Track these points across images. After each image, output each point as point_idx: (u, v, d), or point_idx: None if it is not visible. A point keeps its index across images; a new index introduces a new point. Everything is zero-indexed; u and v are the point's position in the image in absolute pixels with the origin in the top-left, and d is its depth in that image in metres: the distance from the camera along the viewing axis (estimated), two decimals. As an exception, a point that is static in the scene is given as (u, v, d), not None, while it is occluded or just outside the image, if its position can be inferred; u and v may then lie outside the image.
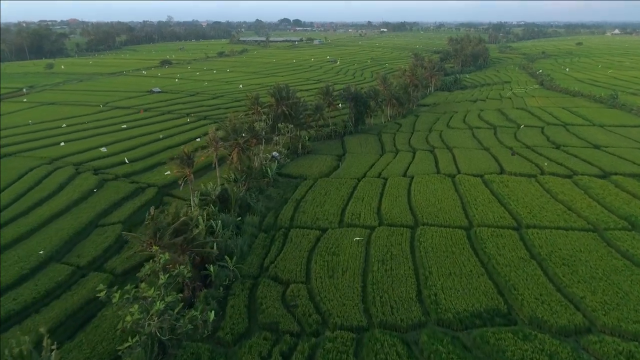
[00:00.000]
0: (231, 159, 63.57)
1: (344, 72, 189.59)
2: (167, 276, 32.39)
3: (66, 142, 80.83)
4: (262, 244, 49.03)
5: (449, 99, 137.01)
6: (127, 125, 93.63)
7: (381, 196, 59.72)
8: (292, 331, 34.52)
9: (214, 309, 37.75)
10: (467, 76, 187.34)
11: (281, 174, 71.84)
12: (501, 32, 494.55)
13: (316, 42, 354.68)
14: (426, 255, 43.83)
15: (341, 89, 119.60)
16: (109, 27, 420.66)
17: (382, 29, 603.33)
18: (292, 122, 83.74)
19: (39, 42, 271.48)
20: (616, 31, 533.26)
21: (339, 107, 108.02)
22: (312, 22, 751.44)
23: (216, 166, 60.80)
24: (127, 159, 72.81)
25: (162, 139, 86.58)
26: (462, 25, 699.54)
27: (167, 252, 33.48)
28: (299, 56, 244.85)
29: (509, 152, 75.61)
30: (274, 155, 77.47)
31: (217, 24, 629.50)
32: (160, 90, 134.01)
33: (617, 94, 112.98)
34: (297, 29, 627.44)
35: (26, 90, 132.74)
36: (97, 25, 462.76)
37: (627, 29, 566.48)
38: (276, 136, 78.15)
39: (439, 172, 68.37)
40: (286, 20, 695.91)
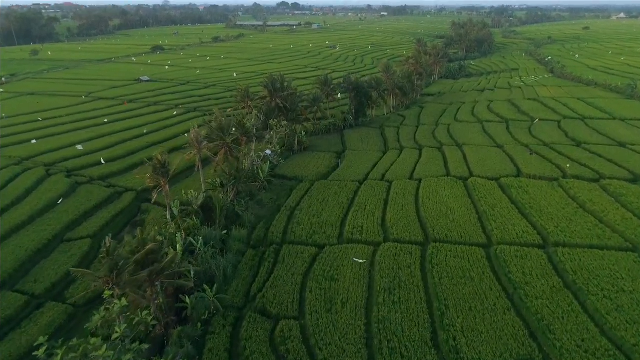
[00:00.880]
0: (217, 161, 56.80)
1: (344, 58, 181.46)
2: (124, 327, 25.92)
3: (39, 138, 73.78)
4: (249, 264, 42.53)
5: (455, 88, 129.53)
6: (108, 119, 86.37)
7: (386, 204, 53.09)
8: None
9: (189, 353, 31.44)
10: (472, 63, 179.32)
11: (275, 175, 65.07)
12: (504, 15, 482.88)
13: (315, 26, 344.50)
14: (440, 282, 37.36)
15: (341, 79, 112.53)
16: (102, 10, 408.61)
17: (382, 13, 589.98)
18: (287, 116, 76.71)
19: (27, 26, 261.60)
20: (622, 15, 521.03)
21: (339, 97, 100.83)
22: (310, 6, 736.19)
23: (200, 170, 53.99)
24: (104, 160, 65.91)
25: (145, 135, 79.60)
26: (464, 9, 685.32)
27: (126, 295, 26.92)
28: (297, 41, 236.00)
29: (526, 150, 68.78)
30: (267, 153, 70.51)
31: (214, 7, 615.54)
32: (148, 79, 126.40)
33: (635, 83, 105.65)
34: (296, 12, 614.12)
35: (5, 79, 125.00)
36: (90, 9, 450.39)
37: (632, 12, 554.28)
38: (268, 134, 71.09)
39: (449, 174, 61.62)
40: (285, 3, 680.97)
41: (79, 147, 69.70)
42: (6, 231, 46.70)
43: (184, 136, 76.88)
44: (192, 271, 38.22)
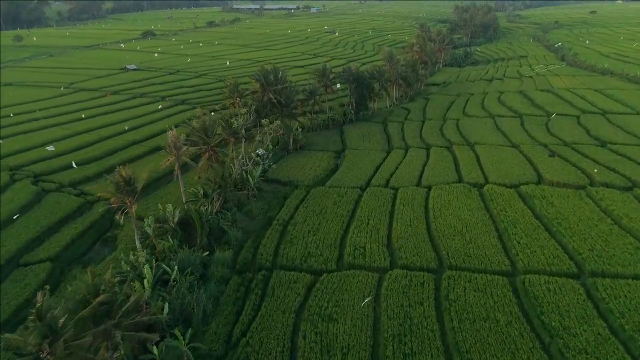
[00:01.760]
0: (200, 168, 50.22)
1: (343, 44, 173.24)
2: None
3: (7, 137, 66.93)
4: (233, 297, 36.20)
5: (461, 77, 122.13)
6: (88, 113, 79.26)
7: (391, 217, 46.65)
8: None
9: None
10: (477, 49, 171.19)
11: (267, 179, 58.48)
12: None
13: (313, 10, 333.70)
14: (460, 327, 31.09)
15: (340, 67, 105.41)
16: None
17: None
18: (281, 112, 69.84)
19: (15, 10, 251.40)
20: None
21: (337, 87, 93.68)
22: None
23: (179, 178, 47.35)
24: (76, 163, 59.16)
25: (127, 131, 72.73)
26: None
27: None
28: (295, 26, 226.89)
29: (545, 151, 62.14)
30: (259, 153, 63.73)
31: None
32: (135, 67, 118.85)
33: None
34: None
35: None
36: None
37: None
38: (259, 134, 64.19)
39: (461, 179, 55.09)
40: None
41: (50, 148, 62.92)
42: (-47, 254, 40.33)
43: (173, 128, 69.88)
44: (165, 307, 32.03)
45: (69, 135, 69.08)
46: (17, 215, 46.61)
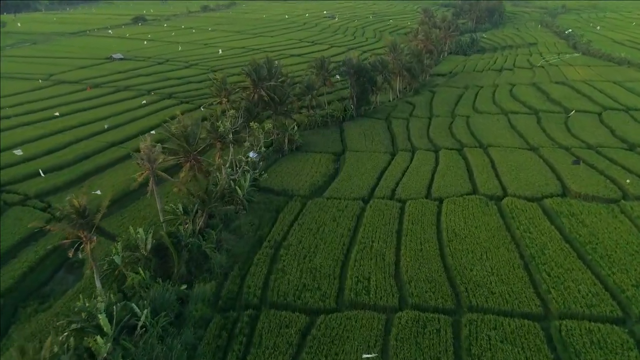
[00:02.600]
0: (181, 180, 44.06)
1: (343, 30, 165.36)
2: None
3: (-29, 140, 60.54)
4: (213, 346, 30.34)
5: (468, 67, 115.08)
6: (62, 111, 72.50)
7: (399, 239, 40.75)
8: None
9: None
10: (483, 35, 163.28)
11: (259, 187, 52.32)
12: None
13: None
14: (488, 396, 25.36)
15: (339, 55, 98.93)
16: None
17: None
18: (275, 110, 63.40)
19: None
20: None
21: (337, 77, 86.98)
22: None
23: (154, 195, 41.12)
24: (45, 169, 52.99)
25: (106, 131, 66.37)
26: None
27: None
28: (293, 10, 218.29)
29: (568, 155, 56.02)
30: (251, 156, 57.52)
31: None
32: (122, 56, 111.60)
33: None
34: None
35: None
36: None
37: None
38: (249, 137, 57.77)
39: (476, 190, 49.05)
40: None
41: (18, 152, 56.59)
42: None
43: (151, 134, 63.44)
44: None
45: (40, 136, 62.65)
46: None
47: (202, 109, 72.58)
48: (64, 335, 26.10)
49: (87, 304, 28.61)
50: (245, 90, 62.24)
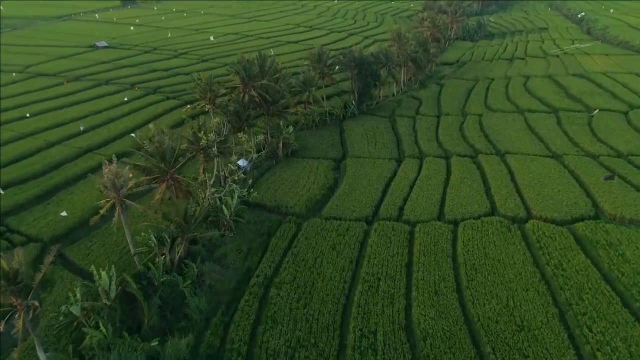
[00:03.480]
0: (154, 203, 38.01)
1: (342, 13, 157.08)
2: None
3: None
4: None
5: (477, 55, 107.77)
6: (34, 110, 65.87)
7: (409, 276, 34.96)
8: None
9: None
10: (491, 19, 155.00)
11: (249, 203, 46.17)
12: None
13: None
14: None
15: (339, 45, 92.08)
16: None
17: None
18: (267, 111, 56.90)
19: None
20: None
21: (336, 68, 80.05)
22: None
23: (123, 224, 34.96)
24: (9, 182, 46.93)
25: (81, 134, 60.04)
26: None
27: None
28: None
29: (595, 164, 49.83)
30: (239, 165, 51.10)
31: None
32: (106, 44, 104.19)
33: None
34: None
35: None
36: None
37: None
38: (236, 147, 51.28)
39: (495, 210, 43.07)
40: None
41: (-24, 163, 50.36)
42: None
43: (130, 136, 56.94)
44: None
45: (6, 140, 56.25)
46: None
47: (187, 107, 65.94)
48: None
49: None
50: (234, 90, 55.56)
